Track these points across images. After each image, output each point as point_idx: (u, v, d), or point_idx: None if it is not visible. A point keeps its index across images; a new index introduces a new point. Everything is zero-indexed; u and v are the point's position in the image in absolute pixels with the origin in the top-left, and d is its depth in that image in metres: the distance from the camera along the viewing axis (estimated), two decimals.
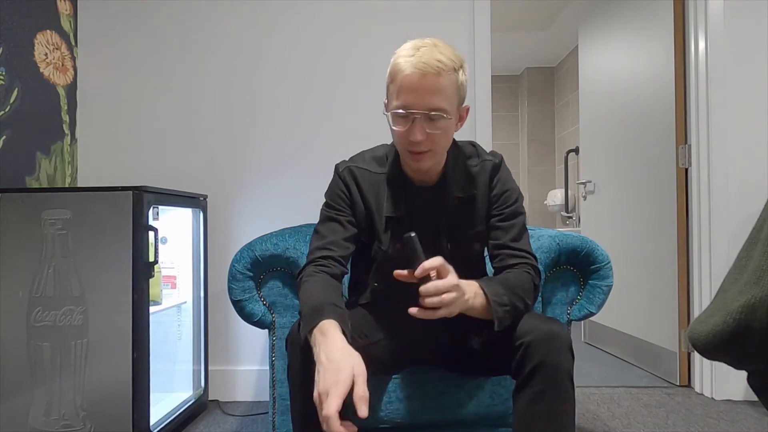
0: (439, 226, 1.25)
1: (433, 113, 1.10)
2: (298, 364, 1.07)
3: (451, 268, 1.05)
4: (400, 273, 1.07)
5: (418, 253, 1.04)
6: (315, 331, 0.97)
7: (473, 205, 1.26)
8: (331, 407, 0.84)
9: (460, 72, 1.14)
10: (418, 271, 1.02)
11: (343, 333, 0.98)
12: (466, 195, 1.25)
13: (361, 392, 0.87)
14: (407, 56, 1.10)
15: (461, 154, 1.28)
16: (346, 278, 1.38)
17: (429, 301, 1.01)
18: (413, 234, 1.06)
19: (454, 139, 1.25)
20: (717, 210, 2.25)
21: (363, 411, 0.85)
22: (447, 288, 1.01)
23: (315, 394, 0.89)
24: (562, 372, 1.04)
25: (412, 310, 1.03)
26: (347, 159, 1.32)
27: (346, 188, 1.26)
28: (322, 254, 1.18)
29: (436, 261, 1.03)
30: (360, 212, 1.25)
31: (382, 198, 1.25)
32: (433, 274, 1.03)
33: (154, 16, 2.29)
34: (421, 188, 1.25)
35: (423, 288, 1.01)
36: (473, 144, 1.32)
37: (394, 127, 1.15)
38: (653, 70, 2.62)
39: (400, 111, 1.12)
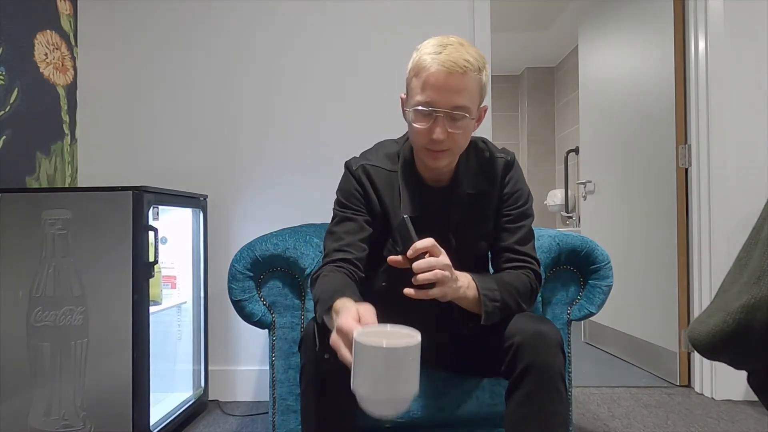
0: (449, 223, 1.23)
1: (456, 112, 1.09)
2: (312, 369, 1.06)
3: (442, 251, 1.05)
4: (394, 258, 1.05)
5: (412, 235, 1.05)
6: (332, 309, 0.96)
7: (484, 203, 1.24)
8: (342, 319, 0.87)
9: (484, 72, 1.13)
10: (409, 251, 1.02)
11: None
12: (478, 192, 1.24)
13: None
14: (434, 53, 1.08)
15: (473, 150, 1.25)
16: None
17: (422, 276, 1.00)
18: (406, 216, 1.07)
19: None
20: (717, 210, 2.25)
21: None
22: (439, 265, 1.01)
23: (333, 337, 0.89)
24: (553, 373, 1.04)
25: (408, 291, 1.02)
26: (358, 156, 1.28)
27: (361, 187, 1.23)
28: (340, 256, 1.15)
29: (428, 242, 1.02)
30: (375, 211, 1.23)
31: (397, 197, 1.23)
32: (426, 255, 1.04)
33: (154, 15, 2.29)
34: (434, 187, 1.24)
35: (416, 264, 1.00)
36: (484, 141, 1.30)
37: (414, 124, 1.12)
38: (653, 70, 2.62)
39: (423, 108, 1.10)
